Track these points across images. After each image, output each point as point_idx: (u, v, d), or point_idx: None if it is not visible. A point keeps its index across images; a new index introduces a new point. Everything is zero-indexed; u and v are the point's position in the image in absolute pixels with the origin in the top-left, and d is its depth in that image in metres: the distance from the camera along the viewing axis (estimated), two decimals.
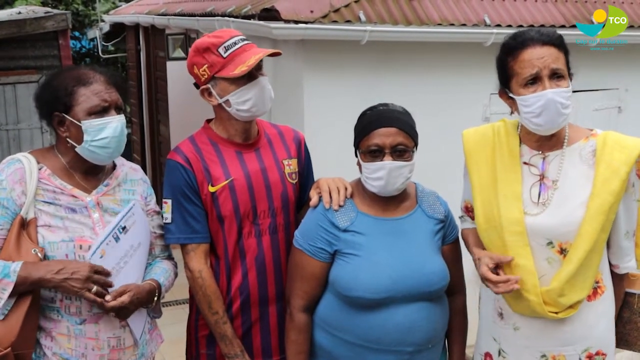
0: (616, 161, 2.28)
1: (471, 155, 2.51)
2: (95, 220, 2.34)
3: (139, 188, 2.53)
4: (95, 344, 2.31)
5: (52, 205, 2.31)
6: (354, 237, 2.41)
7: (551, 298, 2.32)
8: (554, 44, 2.29)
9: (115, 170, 2.49)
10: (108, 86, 2.35)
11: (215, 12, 5.55)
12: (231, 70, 2.42)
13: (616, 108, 5.97)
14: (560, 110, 2.26)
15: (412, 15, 4.82)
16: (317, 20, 4.42)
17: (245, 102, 2.46)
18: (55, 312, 2.30)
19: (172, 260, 2.63)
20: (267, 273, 2.56)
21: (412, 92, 4.69)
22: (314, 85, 4.72)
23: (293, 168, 2.66)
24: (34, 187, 2.28)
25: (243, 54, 2.45)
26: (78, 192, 2.36)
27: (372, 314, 2.37)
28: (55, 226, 2.28)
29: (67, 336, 2.29)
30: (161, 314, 2.60)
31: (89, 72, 2.37)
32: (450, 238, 2.57)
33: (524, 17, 5.22)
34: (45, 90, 2.37)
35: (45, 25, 6.65)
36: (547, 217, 2.33)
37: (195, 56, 2.48)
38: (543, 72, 2.26)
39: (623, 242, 2.40)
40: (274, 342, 2.62)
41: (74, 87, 2.31)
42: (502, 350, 2.49)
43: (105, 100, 2.32)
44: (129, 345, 2.40)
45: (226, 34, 2.49)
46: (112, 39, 11.34)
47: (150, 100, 9.65)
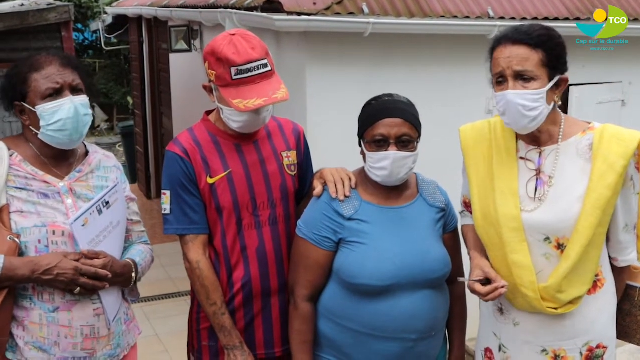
0: (613, 155, 2.25)
1: (468, 152, 2.51)
2: (68, 206, 2.34)
3: (112, 175, 2.52)
4: (69, 332, 2.30)
5: (24, 191, 2.30)
6: (359, 225, 2.42)
7: (549, 294, 2.32)
8: (527, 43, 2.23)
9: (88, 157, 2.49)
10: (61, 68, 2.33)
11: (218, 4, 5.54)
12: (231, 96, 2.36)
13: (620, 101, 5.96)
14: (522, 112, 2.23)
15: (415, 8, 4.81)
16: (320, 12, 4.41)
17: (236, 122, 2.45)
18: (27, 299, 2.28)
19: (148, 245, 2.65)
20: (268, 265, 2.56)
21: (414, 85, 4.68)
22: (316, 77, 4.71)
23: (292, 160, 2.66)
24: (5, 173, 2.28)
25: (251, 85, 2.36)
26: (50, 178, 2.35)
27: (377, 301, 2.38)
28: (27, 212, 2.27)
29: (40, 324, 2.28)
30: (138, 297, 2.60)
31: (42, 57, 2.35)
32: (451, 227, 2.60)
33: (527, 10, 5.21)
34: (5, 81, 2.37)
35: (48, 18, 6.63)
36: (544, 213, 2.31)
37: (210, 56, 2.41)
38: (507, 72, 2.24)
39: (622, 236, 2.38)
40: (276, 334, 2.62)
41: (27, 73, 2.31)
42: (503, 346, 2.49)
43: (57, 82, 2.30)
44: (104, 335, 2.38)
45: (246, 53, 2.36)
46: (115, 31, 11.34)
47: (153, 92, 9.66)
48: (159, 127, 9.58)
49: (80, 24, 15.51)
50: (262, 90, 2.37)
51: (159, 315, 5.83)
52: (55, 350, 2.30)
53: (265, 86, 2.39)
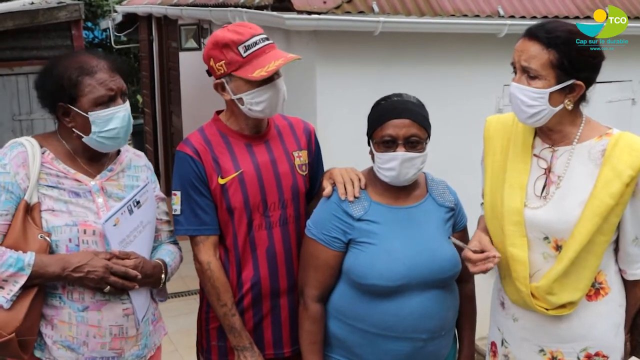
0: (622, 163, 2.22)
1: (488, 142, 2.52)
2: (99, 205, 2.33)
3: (143, 174, 2.52)
4: (97, 332, 2.30)
5: (56, 189, 2.28)
6: (369, 225, 2.42)
7: (540, 294, 2.31)
8: (542, 41, 2.23)
9: (120, 156, 2.48)
10: (112, 73, 2.30)
11: (228, 2, 5.55)
12: (249, 72, 2.39)
13: (630, 100, 5.94)
14: (521, 107, 2.25)
15: (425, 6, 4.80)
16: (330, 10, 4.41)
17: (259, 103, 2.45)
18: (57, 298, 2.28)
19: (177, 245, 2.64)
20: (278, 265, 2.56)
21: (424, 84, 4.67)
22: (326, 76, 4.71)
23: (303, 160, 2.66)
24: (37, 171, 2.26)
25: (263, 55, 2.41)
26: (82, 176, 2.34)
27: (387, 301, 2.38)
28: (58, 210, 2.26)
29: (69, 323, 2.28)
30: (167, 297, 2.59)
31: (91, 59, 2.31)
32: (460, 226, 2.60)
33: (537, 9, 5.19)
34: (46, 79, 2.31)
35: (58, 16, 6.65)
36: (546, 212, 2.31)
37: (214, 50, 2.44)
38: (517, 65, 2.28)
39: (631, 248, 2.34)
40: (285, 334, 2.63)
41: (78, 77, 2.26)
42: (505, 340, 2.50)
43: (112, 89, 2.28)
44: (132, 335, 2.38)
45: (247, 31, 2.44)
46: (125, 30, 11.38)
47: (162, 91, 9.68)
48: (168, 126, 9.60)
49: (90, 22, 15.54)
50: (275, 55, 2.42)
51: (169, 314, 5.78)
52: (83, 350, 2.30)
53: (277, 52, 2.45)
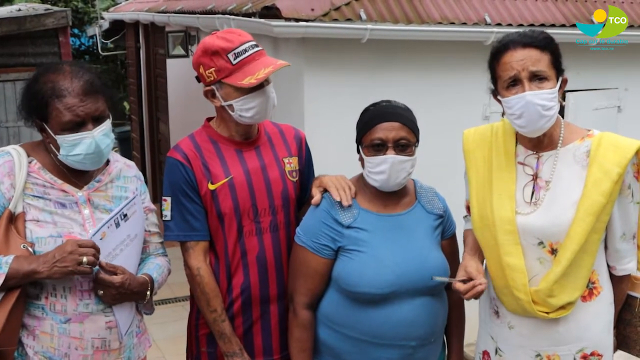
0: (609, 162, 2.26)
1: (469, 155, 2.53)
2: (85, 216, 2.30)
3: (132, 185, 2.48)
4: (79, 344, 2.26)
5: (42, 199, 2.25)
6: (358, 233, 2.43)
7: (540, 298, 2.33)
8: (536, 45, 2.28)
9: (109, 166, 2.44)
10: (84, 97, 2.21)
11: (215, 9, 5.54)
12: (239, 79, 2.40)
13: (616, 107, 5.99)
14: (541, 112, 2.26)
15: (412, 14, 4.82)
16: (317, 18, 4.43)
17: (249, 109, 2.45)
18: (40, 309, 2.24)
19: (166, 257, 2.61)
20: (268, 271, 2.56)
21: (412, 91, 4.69)
22: (314, 83, 4.72)
23: (294, 166, 2.66)
24: (23, 180, 2.23)
25: (252, 62, 2.42)
26: (68, 187, 2.31)
27: (376, 309, 2.38)
28: (43, 221, 2.23)
29: (50, 335, 2.24)
30: (153, 311, 2.55)
31: (65, 80, 2.22)
32: (449, 233, 2.60)
33: (524, 16, 5.23)
34: (25, 93, 2.29)
35: (45, 23, 6.63)
36: (538, 217, 2.33)
37: (203, 57, 2.45)
38: (522, 74, 2.27)
39: (619, 244, 2.39)
40: (274, 341, 2.62)
41: (48, 99, 2.20)
42: (499, 349, 2.50)
43: (78, 116, 2.20)
44: (115, 348, 2.34)
45: (237, 38, 2.45)
46: (112, 37, 11.34)
47: (149, 98, 9.66)
48: (155, 133, 9.58)
49: (77, 29, 15.47)
50: (264, 62, 2.43)
51: (156, 321, 5.78)
52: None
53: (266, 59, 2.46)
